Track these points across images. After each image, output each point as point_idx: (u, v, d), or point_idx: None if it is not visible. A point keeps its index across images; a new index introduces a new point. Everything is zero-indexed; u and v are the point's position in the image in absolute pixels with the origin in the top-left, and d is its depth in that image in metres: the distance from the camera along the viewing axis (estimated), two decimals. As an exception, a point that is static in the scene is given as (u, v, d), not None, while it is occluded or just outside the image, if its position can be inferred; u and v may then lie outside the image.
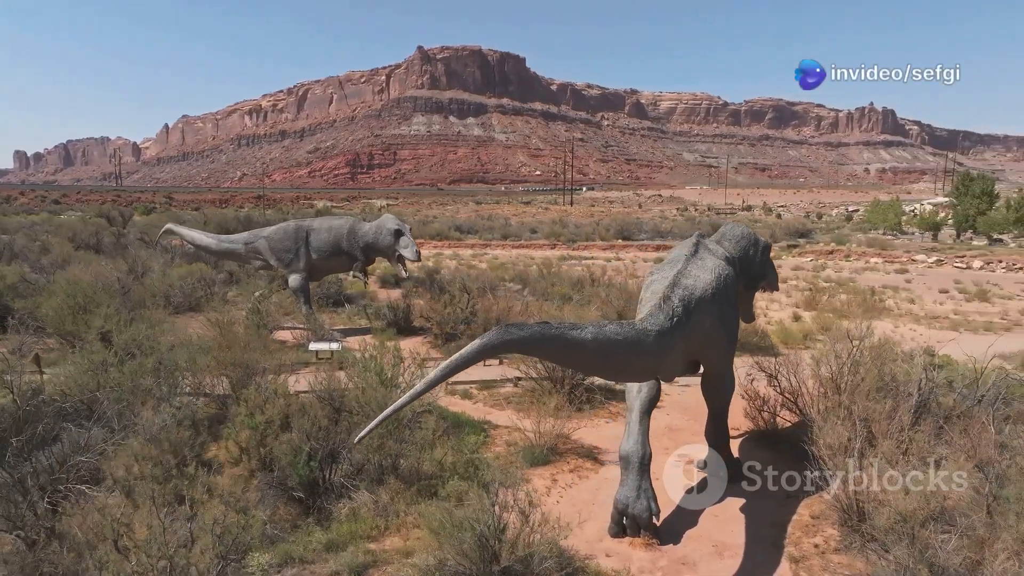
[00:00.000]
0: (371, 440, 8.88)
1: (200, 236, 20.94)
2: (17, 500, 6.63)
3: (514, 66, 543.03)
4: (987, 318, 25.55)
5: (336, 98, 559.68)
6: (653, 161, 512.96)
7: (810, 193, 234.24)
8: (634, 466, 8.06)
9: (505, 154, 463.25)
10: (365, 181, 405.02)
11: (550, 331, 6.15)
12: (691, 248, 9.46)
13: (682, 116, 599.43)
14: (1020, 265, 44.97)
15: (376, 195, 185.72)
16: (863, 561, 7.55)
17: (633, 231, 64.52)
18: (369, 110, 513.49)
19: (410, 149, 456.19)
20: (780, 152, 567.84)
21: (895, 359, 10.32)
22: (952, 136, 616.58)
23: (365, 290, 27.48)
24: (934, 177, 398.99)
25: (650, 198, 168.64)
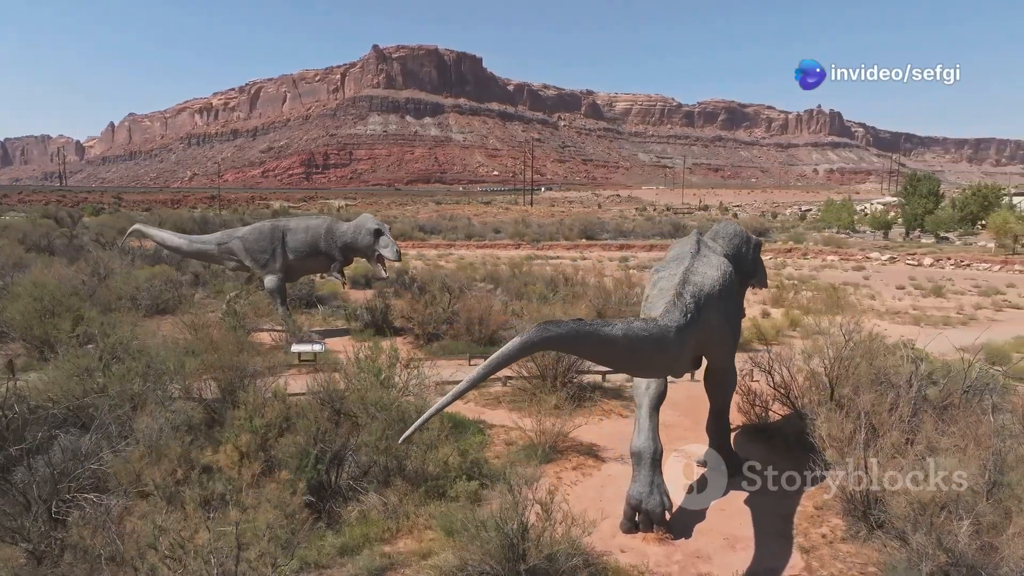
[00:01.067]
0: (378, 441, 8.76)
1: (170, 237, 20.34)
2: (21, 512, 6.34)
3: (471, 66, 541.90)
4: (944, 313, 26.51)
5: (290, 97, 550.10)
6: (609, 161, 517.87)
7: (763, 193, 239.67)
8: (646, 462, 8.11)
9: (463, 154, 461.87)
10: (320, 181, 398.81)
11: (585, 328, 6.17)
12: (694, 246, 9.57)
13: (637, 117, 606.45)
14: (967, 262, 46.80)
15: (333, 195, 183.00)
16: (870, 549, 7.75)
17: (596, 231, 65.06)
18: (324, 109, 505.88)
19: (366, 149, 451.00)
20: (732, 153, 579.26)
21: (884, 354, 10.60)
22: (895, 138, 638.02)
23: (337, 291, 27.10)
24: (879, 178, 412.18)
25: (608, 198, 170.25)
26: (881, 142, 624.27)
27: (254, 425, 8.95)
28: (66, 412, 9.14)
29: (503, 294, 24.87)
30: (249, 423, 8.95)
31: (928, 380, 10.55)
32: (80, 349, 10.04)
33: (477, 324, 17.26)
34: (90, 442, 7.30)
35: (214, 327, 14.52)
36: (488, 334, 17.39)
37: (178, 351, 10.95)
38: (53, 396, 9.08)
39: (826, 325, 11.58)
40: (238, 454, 8.94)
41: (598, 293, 20.16)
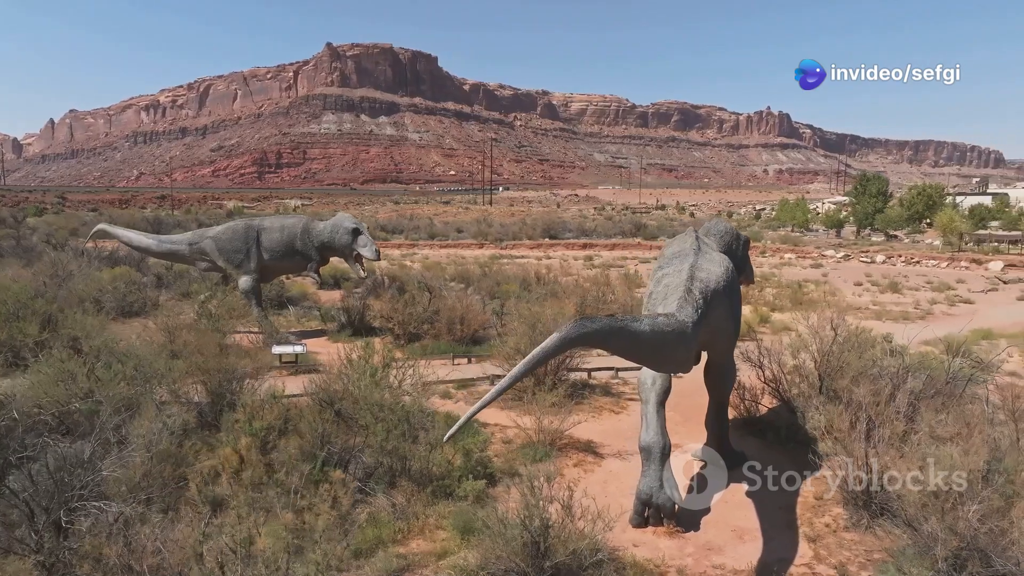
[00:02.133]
0: (383, 443, 8.65)
1: (138, 237, 19.72)
2: (25, 521, 6.06)
3: (426, 65, 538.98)
4: (902, 308, 27.46)
5: (241, 95, 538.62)
6: (565, 161, 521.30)
7: (717, 193, 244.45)
8: (655, 457, 8.20)
9: (419, 154, 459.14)
10: (273, 181, 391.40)
11: (616, 324, 6.21)
12: (694, 243, 9.71)
13: (592, 117, 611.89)
14: (917, 259, 48.58)
15: (288, 195, 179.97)
16: (872, 537, 7.98)
17: (559, 230, 65.48)
18: (276, 108, 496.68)
19: (320, 148, 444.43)
20: (685, 153, 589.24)
21: (871, 347, 10.93)
22: (840, 139, 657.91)
23: (307, 291, 26.66)
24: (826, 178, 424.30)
25: (567, 198, 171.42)
26: (827, 143, 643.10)
27: (254, 428, 8.74)
28: (52, 419, 8.78)
29: (475, 293, 24.82)
30: (248, 426, 8.74)
31: (910, 372, 10.91)
32: (63, 352, 9.64)
33: (458, 323, 17.19)
34: (91, 448, 7.02)
35: (189, 329, 14.17)
36: (469, 333, 17.35)
37: (165, 354, 10.62)
38: (39, 402, 8.71)
39: (815, 320, 11.86)
40: (237, 457, 8.73)
41: (577, 292, 20.27)
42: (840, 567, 7.41)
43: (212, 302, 16.04)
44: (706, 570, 7.39)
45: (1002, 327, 22.31)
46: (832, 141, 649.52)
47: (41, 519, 6.04)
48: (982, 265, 44.52)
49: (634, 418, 12.60)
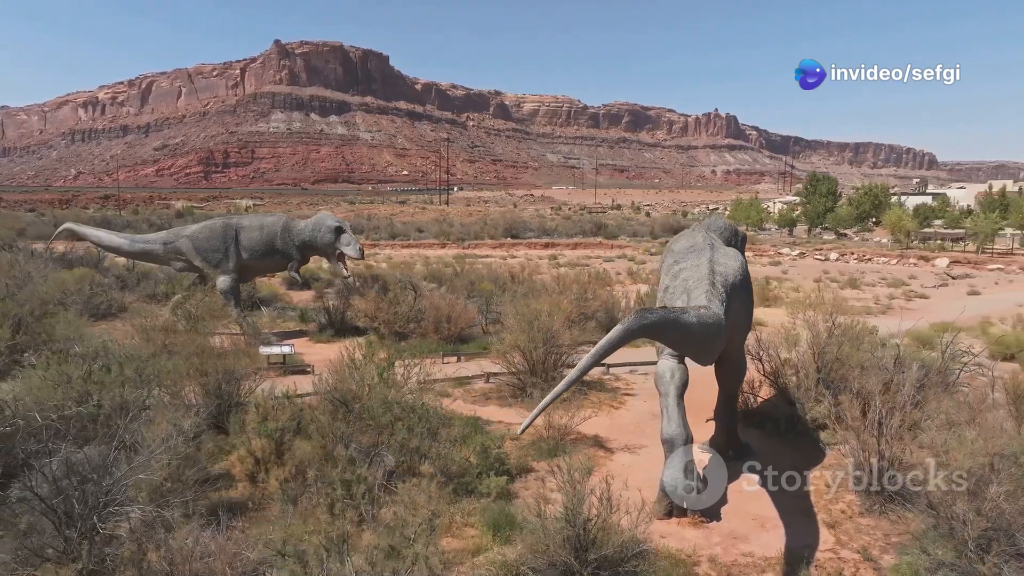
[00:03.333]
0: (405, 441, 8.54)
1: (108, 236, 18.99)
2: (59, 528, 5.79)
3: (378, 64, 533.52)
4: (863, 303, 28.39)
5: (185, 92, 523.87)
6: (518, 162, 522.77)
7: (670, 193, 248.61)
8: (679, 448, 8.30)
9: (371, 154, 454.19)
10: (220, 181, 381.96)
11: (670, 316, 6.29)
12: (706, 238, 9.87)
13: (545, 118, 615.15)
14: (868, 256, 50.36)
15: (238, 195, 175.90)
16: (887, 521, 8.25)
17: (520, 230, 65.73)
18: (223, 106, 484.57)
19: (269, 148, 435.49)
20: (636, 154, 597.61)
21: (867, 340, 11.29)
22: (785, 141, 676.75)
23: (277, 292, 26.12)
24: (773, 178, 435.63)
25: (522, 198, 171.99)
26: (773, 145, 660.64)
27: (268, 429, 8.53)
28: (52, 424, 8.40)
29: (449, 292, 24.69)
30: (263, 427, 8.52)
31: (905, 363, 11.29)
32: (62, 356, 9.21)
33: (445, 322, 17.09)
34: (113, 452, 6.72)
35: (176, 332, 13.76)
36: (456, 332, 17.26)
37: (163, 356, 10.26)
38: (40, 407, 8.31)
39: (811, 315, 12.19)
40: (252, 460, 8.51)
41: (559, 289, 20.34)
42: (863, 551, 7.63)
43: (191, 303, 15.55)
44: (736, 559, 7.51)
45: (960, 320, 23.27)
46: (777, 143, 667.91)
47: (77, 525, 5.77)
48: (929, 262, 46.41)
49: (633, 413, 12.79)
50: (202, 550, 5.65)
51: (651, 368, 15.91)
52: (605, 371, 15.27)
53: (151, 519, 6.35)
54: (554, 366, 13.08)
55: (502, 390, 13.50)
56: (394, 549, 5.47)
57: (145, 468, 6.77)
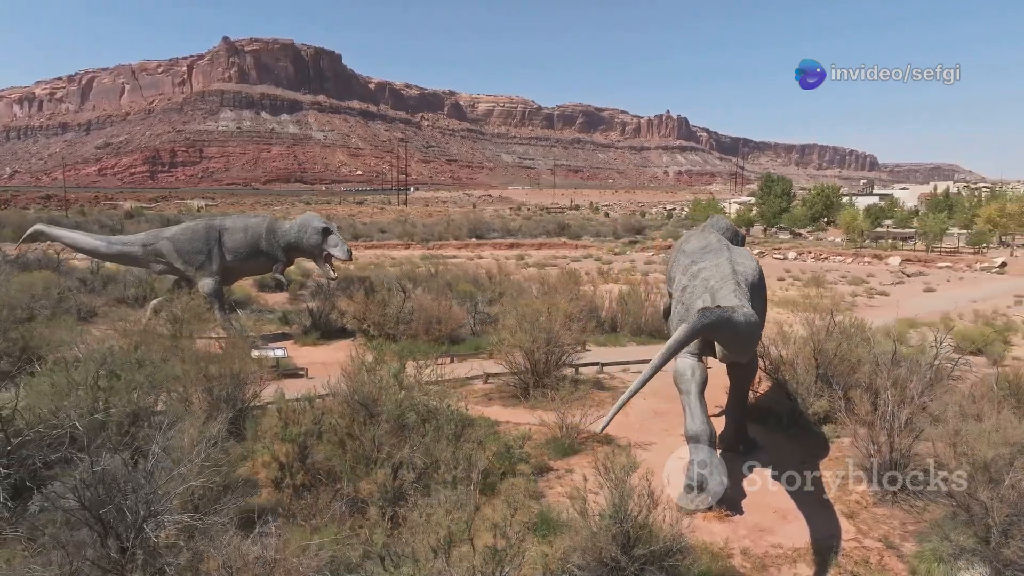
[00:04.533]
0: (432, 444, 8.51)
1: (83, 238, 18.29)
2: (102, 541, 5.60)
3: (330, 63, 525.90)
4: (828, 300, 29.29)
5: (129, 89, 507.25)
6: (474, 162, 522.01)
7: (626, 193, 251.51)
8: (704, 444, 8.47)
9: (324, 153, 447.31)
10: (167, 180, 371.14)
11: (725, 315, 6.45)
12: (719, 238, 10.08)
13: (499, 119, 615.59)
14: (826, 255, 51.91)
15: (188, 195, 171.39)
16: (900, 510, 8.58)
17: (484, 230, 65.71)
18: (169, 103, 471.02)
19: (218, 147, 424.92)
20: (591, 155, 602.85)
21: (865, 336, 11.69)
22: (734, 142, 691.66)
23: (249, 294, 25.58)
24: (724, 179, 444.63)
25: (481, 198, 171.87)
26: (723, 146, 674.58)
27: (291, 434, 8.39)
28: (66, 433, 8.12)
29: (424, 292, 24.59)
30: (287, 432, 8.38)
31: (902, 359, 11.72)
32: (68, 363, 8.87)
33: (436, 323, 17.02)
34: (153, 460, 6.52)
35: (152, 334, 13.38)
36: (447, 333, 17.20)
37: (171, 360, 9.98)
38: (48, 417, 8.01)
39: (809, 315, 12.55)
40: (277, 465, 8.37)
41: (547, 291, 20.43)
42: (884, 540, 7.92)
43: (177, 305, 15.12)
44: (767, 550, 7.71)
45: (922, 316, 24.26)
46: (727, 144, 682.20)
47: (126, 535, 5.59)
48: (882, 260, 48.11)
49: (637, 411, 12.93)
50: (260, 557, 5.55)
51: (643, 367, 16.21)
52: (599, 370, 15.43)
53: (192, 527, 6.20)
54: (555, 366, 13.18)
55: (503, 390, 13.52)
56: (497, 551, 5.46)
57: (182, 476, 6.61)
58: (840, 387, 10.41)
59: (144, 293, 22.92)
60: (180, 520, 6.05)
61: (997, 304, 28.34)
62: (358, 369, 9.54)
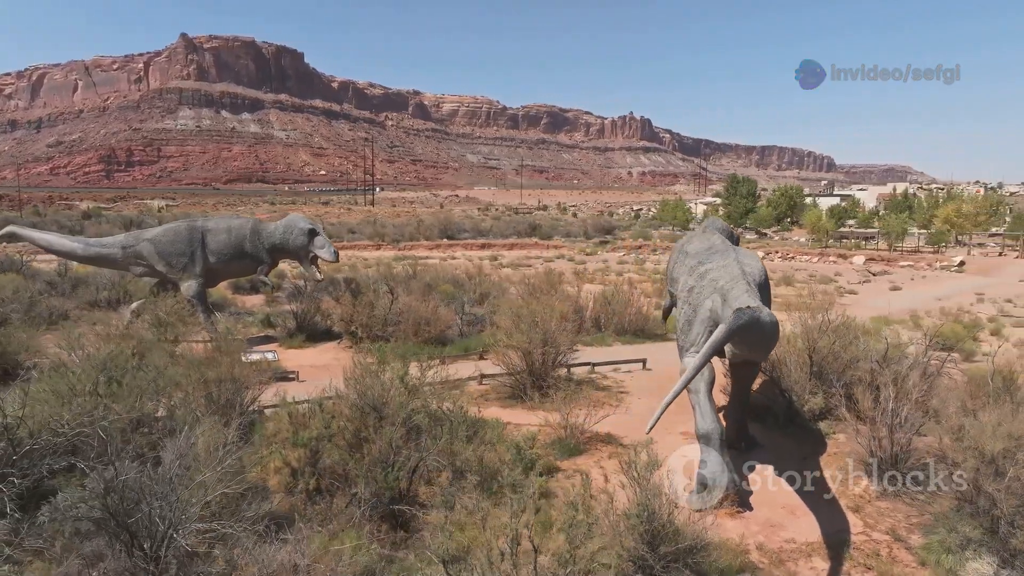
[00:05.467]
0: (447, 446, 8.48)
1: (59, 240, 17.73)
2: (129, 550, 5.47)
3: (292, 61, 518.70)
4: (802, 299, 29.89)
5: (82, 85, 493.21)
6: (439, 162, 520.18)
7: (593, 194, 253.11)
8: (715, 442, 8.60)
9: (286, 153, 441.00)
10: (124, 180, 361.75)
11: (755, 315, 6.56)
12: (722, 239, 10.23)
13: (464, 119, 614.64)
14: (792, 255, 52.95)
15: (148, 195, 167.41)
16: (902, 503, 8.81)
17: (455, 231, 65.48)
18: (125, 101, 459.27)
19: (177, 145, 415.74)
20: (555, 155, 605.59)
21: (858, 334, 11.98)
22: (696, 144, 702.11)
23: (226, 296, 25.11)
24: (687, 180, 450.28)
25: (448, 199, 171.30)
26: (685, 147, 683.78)
27: (303, 438, 8.28)
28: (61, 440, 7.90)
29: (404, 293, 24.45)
30: (298, 436, 8.27)
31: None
32: (69, 370, 8.61)
33: (425, 325, 16.93)
34: (171, 469, 6.36)
35: (133, 338, 13.08)
36: (436, 334, 17.13)
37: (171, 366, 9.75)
38: (51, 423, 7.77)
39: (802, 314, 12.81)
40: (289, 470, 8.26)
41: (531, 291, 20.46)
42: (892, 532, 8.14)
43: (162, 308, 14.80)
44: (781, 545, 7.87)
45: (893, 314, 24.94)
46: (689, 145, 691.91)
47: (157, 544, 5.46)
48: (847, 259, 49.28)
49: (634, 410, 13.04)
50: (296, 564, 5.47)
51: (633, 367, 16.40)
52: (591, 370, 15.52)
53: (213, 535, 6.09)
54: (552, 366, 13.22)
55: (499, 391, 13.53)
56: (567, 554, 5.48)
57: (204, 483, 6.48)
58: (840, 384, 10.66)
59: (117, 296, 22.37)
60: (208, 528, 5.93)
61: (961, 302, 29.24)
62: (365, 372, 9.43)
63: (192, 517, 5.84)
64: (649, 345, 19.33)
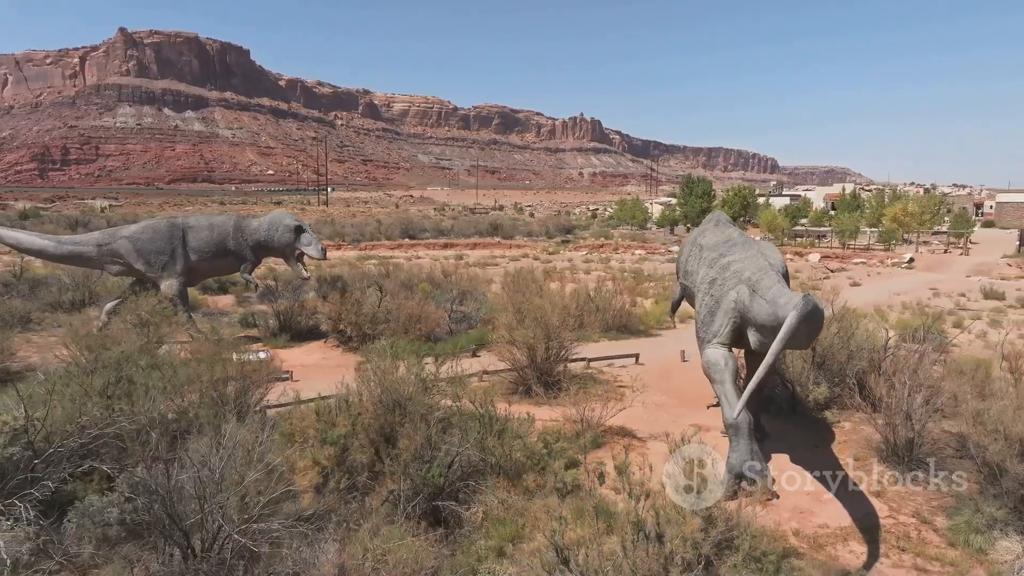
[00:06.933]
0: (480, 442, 8.37)
1: (29, 238, 16.83)
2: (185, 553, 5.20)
3: (237, 58, 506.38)
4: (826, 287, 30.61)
5: (13, 80, 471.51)
6: (390, 162, 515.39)
7: (547, 194, 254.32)
8: (744, 432, 8.69)
9: (232, 152, 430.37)
10: (60, 179, 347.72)
11: (816, 302, 6.61)
12: (739, 232, 10.35)
13: (415, 119, 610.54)
14: (750, 253, 54.20)
15: (85, 195, 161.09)
16: (921, 487, 9.07)
17: (416, 230, 65.01)
18: (60, 97, 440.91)
19: (116, 144, 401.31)
20: (507, 156, 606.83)
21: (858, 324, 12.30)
22: (646, 145, 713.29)
23: (196, 296, 24.32)
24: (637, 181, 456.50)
25: (402, 199, 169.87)
26: (634, 148, 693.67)
27: (333, 436, 8.06)
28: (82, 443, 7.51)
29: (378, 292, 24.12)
30: (329, 434, 8.04)
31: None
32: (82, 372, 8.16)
33: (415, 323, 16.71)
34: (216, 471, 6.07)
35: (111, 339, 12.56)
36: (428, 332, 16.93)
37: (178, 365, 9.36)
38: (70, 426, 7.37)
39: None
40: (319, 469, 8.03)
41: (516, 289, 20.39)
42: (917, 515, 8.36)
43: (144, 308, 14.21)
44: (815, 531, 8.00)
45: (859, 308, 25.76)
46: (638, 146, 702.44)
47: (221, 546, 5.21)
48: (803, 257, 50.67)
49: (639, 404, 13.12)
50: (372, 563, 5.30)
51: (626, 361, 16.49)
52: (586, 365, 15.56)
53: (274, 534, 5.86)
54: (555, 361, 13.20)
55: (501, 387, 13.43)
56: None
57: (251, 484, 6.24)
58: (853, 374, 10.92)
59: (82, 297, 21.44)
60: (268, 529, 5.69)
61: (919, 296, 30.39)
62: (388, 368, 9.24)
63: (252, 517, 5.60)
64: (635, 340, 19.51)
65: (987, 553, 7.47)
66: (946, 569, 7.24)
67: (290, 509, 7.31)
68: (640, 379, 14.26)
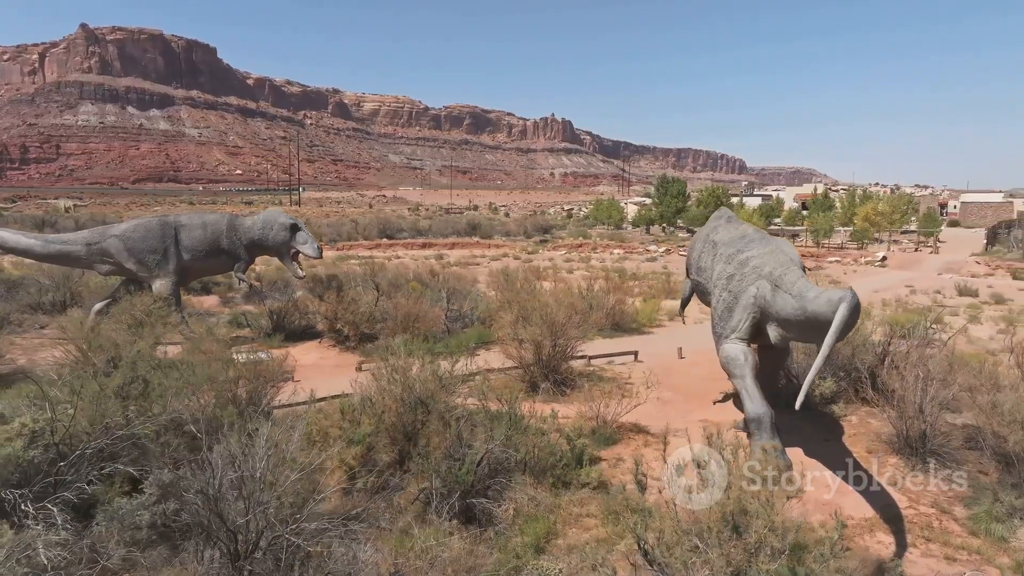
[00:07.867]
0: (507, 439, 8.32)
1: (14, 237, 16.28)
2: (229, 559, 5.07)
3: (204, 56, 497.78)
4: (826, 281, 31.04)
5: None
6: (360, 162, 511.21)
7: (521, 195, 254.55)
8: (767, 425, 8.78)
9: (199, 151, 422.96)
10: (19, 179, 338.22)
11: (858, 296, 6.68)
12: (754, 228, 10.45)
13: (386, 118, 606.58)
14: (726, 252, 54.86)
15: (49, 194, 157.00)
16: (933, 479, 9.24)
17: (394, 230, 64.65)
18: (18, 94, 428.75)
19: (78, 143, 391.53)
20: (478, 156, 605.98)
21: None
22: (616, 146, 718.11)
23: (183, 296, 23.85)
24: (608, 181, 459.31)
25: (376, 198, 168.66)
26: (605, 149, 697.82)
27: (359, 435, 7.94)
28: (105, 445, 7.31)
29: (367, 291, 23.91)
30: (355, 433, 7.92)
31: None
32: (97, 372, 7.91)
33: (413, 321, 16.57)
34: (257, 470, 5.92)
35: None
36: (423, 331, 16.79)
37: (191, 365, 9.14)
38: (92, 428, 7.15)
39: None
40: (346, 468, 7.91)
41: (507, 287, 20.36)
42: (936, 505, 8.52)
43: (138, 307, 13.89)
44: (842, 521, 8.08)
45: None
46: (609, 147, 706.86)
47: (274, 548, 5.08)
48: (779, 256, 51.50)
49: (647, 401, 13.16)
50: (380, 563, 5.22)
51: (626, 358, 16.56)
52: (587, 363, 15.57)
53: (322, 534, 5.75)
54: (562, 358, 13.20)
55: (508, 385, 13.38)
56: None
57: (291, 485, 6.11)
58: (866, 367, 11.09)
59: (63, 298, 20.86)
60: (319, 529, 5.58)
61: (897, 293, 31.05)
62: (406, 367, 9.14)
63: (301, 517, 5.48)
64: (630, 338, 19.61)
65: (1008, 541, 7.63)
66: (972, 557, 7.38)
67: (324, 508, 7.21)
68: (653, 375, 14.33)
